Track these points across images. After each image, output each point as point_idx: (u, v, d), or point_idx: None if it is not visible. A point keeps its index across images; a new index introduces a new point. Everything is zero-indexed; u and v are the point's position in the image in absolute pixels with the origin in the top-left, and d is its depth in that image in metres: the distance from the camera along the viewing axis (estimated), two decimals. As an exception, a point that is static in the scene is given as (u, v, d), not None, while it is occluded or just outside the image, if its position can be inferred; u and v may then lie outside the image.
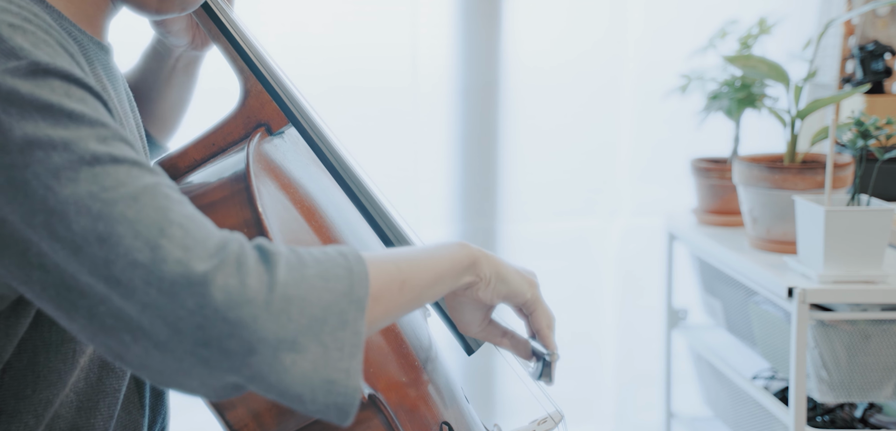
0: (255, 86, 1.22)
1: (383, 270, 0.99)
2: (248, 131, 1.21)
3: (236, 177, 1.09)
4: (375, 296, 0.97)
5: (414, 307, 1.04)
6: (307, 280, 0.92)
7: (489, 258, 1.11)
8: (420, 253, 1.06)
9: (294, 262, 0.93)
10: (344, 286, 0.94)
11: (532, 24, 2.55)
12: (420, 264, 1.04)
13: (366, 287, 0.95)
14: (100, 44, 1.10)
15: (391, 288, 0.99)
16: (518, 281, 1.13)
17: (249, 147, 1.13)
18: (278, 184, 1.15)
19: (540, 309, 1.15)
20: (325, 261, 0.94)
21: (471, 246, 1.10)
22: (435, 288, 1.05)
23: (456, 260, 1.08)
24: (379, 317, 0.99)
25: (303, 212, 1.16)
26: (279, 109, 1.22)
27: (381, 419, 1.07)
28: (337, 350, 0.91)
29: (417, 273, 1.03)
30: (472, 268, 1.09)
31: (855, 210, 1.82)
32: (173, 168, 1.19)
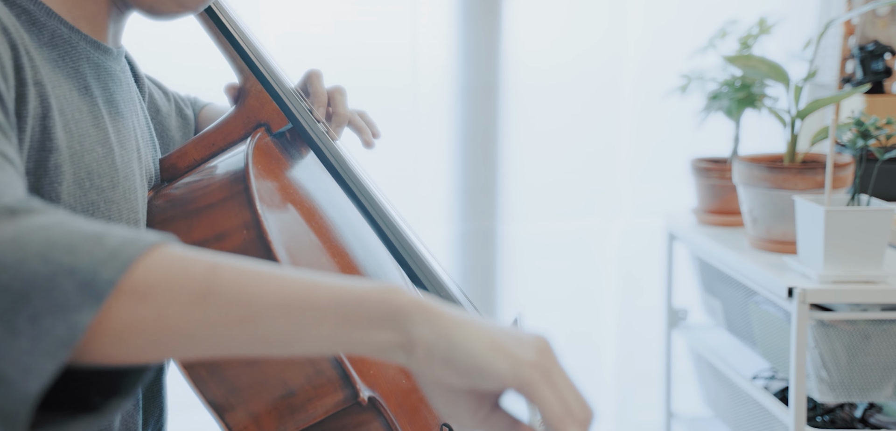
0: (255, 86, 1.22)
1: (178, 266, 0.73)
2: (248, 131, 1.21)
3: (236, 178, 1.08)
4: (139, 292, 0.71)
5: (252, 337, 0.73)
6: (20, 241, 0.71)
7: (433, 313, 0.74)
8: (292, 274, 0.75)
9: (29, 224, 0.72)
10: (78, 261, 0.70)
11: (532, 24, 2.55)
12: (268, 281, 0.74)
13: (117, 272, 0.70)
14: (97, 44, 1.10)
15: (178, 292, 0.72)
16: (482, 352, 0.73)
17: (249, 147, 1.12)
18: (278, 185, 1.15)
19: (544, 394, 0.74)
20: (81, 232, 0.72)
21: (405, 292, 0.75)
22: (296, 323, 0.73)
23: (357, 299, 0.73)
24: (146, 326, 0.71)
25: (303, 212, 1.16)
26: (279, 109, 1.22)
27: (381, 421, 1.06)
28: (29, 339, 0.69)
29: (249, 288, 0.73)
30: (391, 322, 0.73)
31: (855, 210, 1.82)
32: (173, 168, 1.19)
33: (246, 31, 1.25)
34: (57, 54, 1.04)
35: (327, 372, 1.04)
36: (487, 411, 0.77)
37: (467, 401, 0.76)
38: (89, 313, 0.69)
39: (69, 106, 1.03)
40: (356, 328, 0.73)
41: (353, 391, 1.04)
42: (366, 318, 0.73)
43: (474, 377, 0.74)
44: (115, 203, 1.06)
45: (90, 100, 1.07)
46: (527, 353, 0.74)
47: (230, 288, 0.73)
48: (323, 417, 1.05)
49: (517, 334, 0.75)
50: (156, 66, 2.24)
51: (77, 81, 1.06)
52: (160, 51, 2.17)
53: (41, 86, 0.98)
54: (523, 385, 0.73)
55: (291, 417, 1.05)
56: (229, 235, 1.05)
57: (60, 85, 1.02)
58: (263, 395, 1.04)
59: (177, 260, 0.73)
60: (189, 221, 1.08)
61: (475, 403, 0.76)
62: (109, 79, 1.12)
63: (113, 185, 1.06)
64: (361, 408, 1.05)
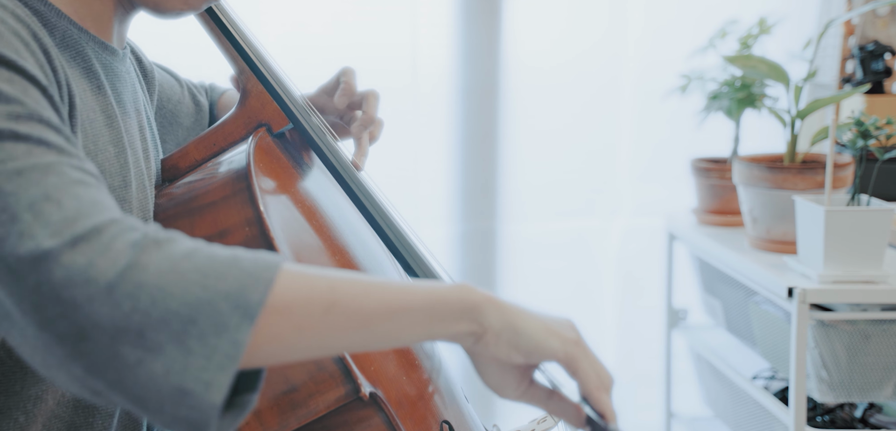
0: (256, 86, 1.22)
1: (305, 284, 0.84)
2: (248, 131, 1.21)
3: (238, 176, 1.09)
4: (281, 309, 0.82)
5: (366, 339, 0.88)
6: (179, 271, 0.80)
7: (500, 305, 0.90)
8: (386, 282, 0.89)
9: (177, 252, 0.82)
10: (229, 286, 0.81)
11: (532, 24, 2.55)
12: (374, 290, 0.87)
13: (263, 293, 0.82)
14: (104, 44, 1.10)
15: (310, 306, 0.84)
16: (541, 334, 0.91)
17: (251, 146, 1.13)
18: (279, 184, 1.15)
19: (585, 367, 0.92)
20: (221, 259, 0.83)
21: (475, 289, 0.90)
22: (397, 322, 0.87)
23: (441, 299, 0.89)
24: (289, 336, 0.83)
25: (303, 211, 1.16)
26: (280, 110, 1.22)
27: (381, 417, 1.07)
28: (203, 357, 0.79)
29: (362, 298, 0.86)
30: (469, 315, 0.89)
31: (855, 210, 1.82)
32: (174, 168, 1.20)
33: (246, 32, 1.25)
34: (69, 55, 1.05)
35: (329, 368, 1.04)
36: (528, 383, 0.95)
37: (514, 375, 0.94)
38: (247, 330, 0.80)
39: (85, 105, 1.03)
40: (442, 322, 0.88)
41: (355, 386, 1.05)
42: (450, 314, 0.88)
43: (534, 354, 0.91)
44: (128, 202, 1.07)
45: (104, 99, 1.07)
46: (570, 334, 0.92)
47: (349, 299, 0.85)
48: (324, 412, 1.05)
49: (558, 318, 0.93)
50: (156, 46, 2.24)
51: (91, 81, 1.06)
52: (160, 51, 2.17)
53: (69, 87, 0.99)
54: (570, 359, 0.92)
55: (293, 412, 1.05)
56: (232, 232, 1.05)
57: (76, 84, 1.03)
58: (265, 391, 1.04)
59: (302, 278, 0.84)
60: (191, 219, 1.08)
61: (520, 376, 0.94)
62: (117, 79, 1.12)
63: (125, 185, 1.07)
64: (363, 403, 1.05)
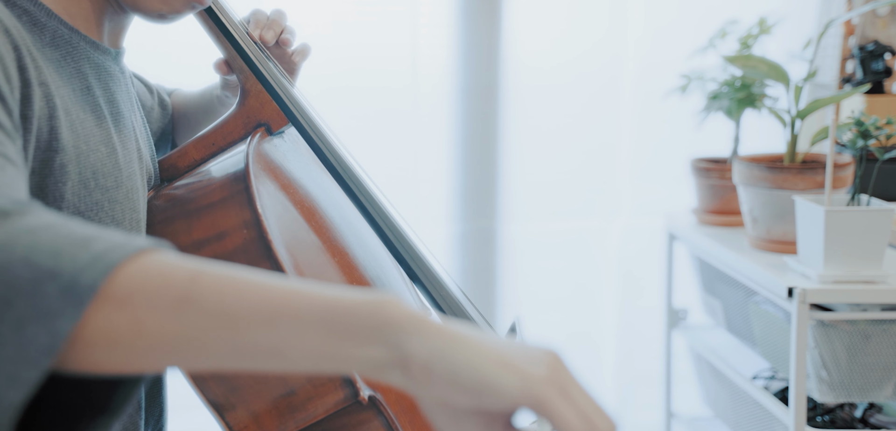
0: (255, 85, 1.22)
1: (159, 272, 0.69)
2: (247, 131, 1.21)
3: (236, 178, 1.08)
4: (118, 298, 0.68)
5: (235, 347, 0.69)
6: (8, 247, 0.68)
7: (429, 328, 0.68)
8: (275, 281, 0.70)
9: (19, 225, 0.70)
10: (63, 266, 0.67)
11: (532, 24, 2.55)
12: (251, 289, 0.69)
13: (98, 277, 0.67)
14: (95, 43, 1.10)
15: (157, 299, 0.68)
16: (487, 367, 0.67)
17: (249, 146, 1.13)
18: (278, 184, 1.15)
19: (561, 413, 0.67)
20: (72, 236, 0.69)
21: (400, 305, 0.68)
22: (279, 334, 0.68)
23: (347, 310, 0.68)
24: (123, 334, 0.68)
25: (303, 212, 1.16)
26: (279, 109, 1.22)
27: (381, 421, 1.07)
28: (14, 346, 0.66)
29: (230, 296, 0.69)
30: (382, 336, 0.67)
31: (855, 210, 1.82)
32: (173, 168, 1.20)
33: (245, 31, 1.25)
34: (59, 55, 1.05)
35: None
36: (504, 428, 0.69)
37: (475, 424, 0.68)
38: (70, 319, 0.66)
39: (73, 106, 1.03)
40: (344, 341, 0.67)
41: (354, 390, 1.05)
42: (355, 331, 0.67)
43: (481, 396, 0.67)
44: (119, 202, 1.06)
45: (92, 99, 1.07)
46: (537, 369, 0.67)
47: (210, 295, 0.68)
48: (323, 416, 1.05)
49: (525, 348, 0.69)
50: (156, 65, 2.24)
51: (79, 81, 1.06)
52: (160, 50, 2.17)
53: (46, 87, 0.99)
54: (537, 402, 0.67)
55: (292, 416, 1.05)
56: (230, 234, 1.05)
57: (64, 85, 1.03)
58: (264, 394, 1.04)
59: (159, 267, 0.69)
60: (189, 221, 1.08)
61: (484, 425, 0.69)
62: (109, 79, 1.12)
63: (116, 185, 1.07)
64: (362, 407, 1.05)
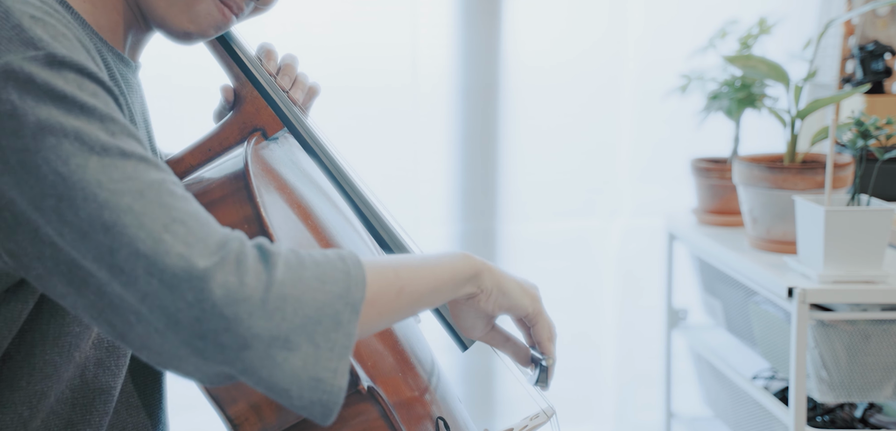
0: (251, 91, 1.23)
1: (381, 275, 1.01)
2: (243, 136, 1.22)
3: (236, 176, 1.10)
4: (371, 300, 0.99)
5: (412, 312, 1.06)
6: (304, 281, 0.94)
7: (492, 270, 1.12)
8: (421, 261, 1.07)
9: (293, 262, 0.95)
10: (340, 288, 0.96)
11: (532, 24, 2.55)
12: (420, 272, 1.06)
13: (362, 290, 0.97)
14: (120, 55, 1.12)
15: (388, 294, 1.02)
16: (519, 295, 1.15)
17: (248, 148, 1.14)
18: (275, 187, 1.16)
19: (541, 322, 1.17)
20: (323, 264, 0.97)
21: (474, 257, 1.11)
22: (434, 295, 1.07)
23: (457, 270, 1.09)
24: (373, 320, 1.01)
25: (300, 215, 1.17)
26: (274, 114, 1.23)
27: (379, 411, 1.08)
28: (328, 349, 0.94)
29: (416, 280, 1.04)
30: (473, 280, 1.10)
31: (855, 210, 1.82)
32: None
33: (239, 37, 1.26)
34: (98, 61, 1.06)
35: None
36: (491, 327, 1.19)
37: (484, 320, 1.17)
38: (355, 323, 0.96)
39: None
40: (457, 288, 1.09)
41: (353, 379, 1.06)
42: (463, 281, 1.09)
43: (512, 310, 1.15)
44: None
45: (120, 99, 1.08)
46: (536, 295, 1.16)
47: (411, 284, 1.04)
48: None
49: (529, 283, 1.16)
50: (155, 65, 2.24)
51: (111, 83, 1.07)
52: (160, 51, 2.17)
53: None
54: (535, 314, 1.16)
55: None
56: None
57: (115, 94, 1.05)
58: None
59: (377, 271, 1.01)
60: None
61: (487, 321, 1.18)
62: (129, 90, 1.14)
63: None
64: (361, 397, 1.07)
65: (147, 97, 1.41)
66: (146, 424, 1.18)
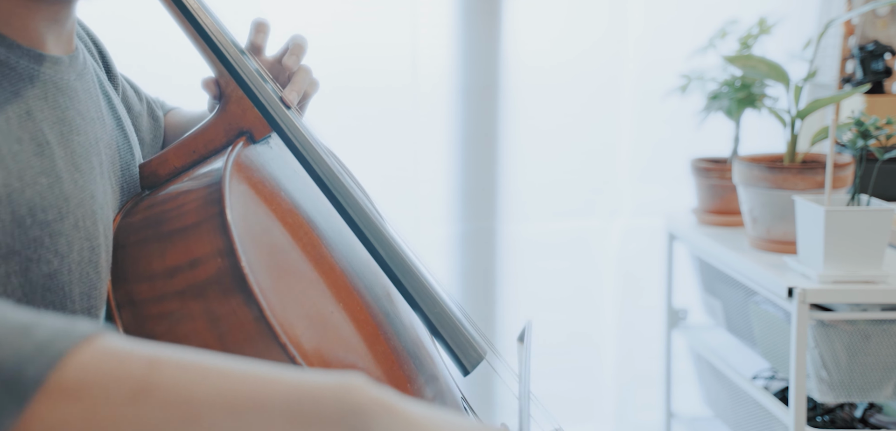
0: (236, 91, 1.15)
1: (114, 359, 0.66)
2: (229, 139, 1.14)
3: (210, 200, 1.01)
4: (68, 391, 0.64)
5: None
6: None
7: (397, 414, 0.66)
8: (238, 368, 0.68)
9: None
10: (3, 356, 0.64)
11: (532, 24, 2.55)
12: (212, 377, 0.67)
13: (44, 369, 0.64)
14: (40, 55, 1.00)
15: (113, 390, 0.65)
16: None
17: (228, 161, 1.05)
18: (261, 197, 1.08)
19: None
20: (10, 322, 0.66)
21: (367, 389, 0.67)
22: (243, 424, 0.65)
23: (313, 396, 0.66)
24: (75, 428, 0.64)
25: (287, 224, 1.10)
26: (261, 117, 1.15)
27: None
28: None
29: (192, 384, 0.66)
30: (348, 423, 0.66)
31: (855, 210, 1.82)
32: (154, 175, 1.14)
33: (227, 33, 1.17)
34: None
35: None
36: None
37: None
38: (11, 416, 0.62)
39: (6, 140, 0.92)
40: (309, 427, 0.65)
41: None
42: (320, 419, 0.65)
43: None
44: (64, 234, 0.96)
45: (32, 126, 0.96)
46: None
47: (170, 384, 0.65)
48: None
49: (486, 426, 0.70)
50: (156, 65, 2.25)
51: (15, 108, 0.95)
52: (160, 51, 2.17)
53: None
54: None
55: None
56: (203, 263, 0.98)
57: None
58: None
59: (112, 354, 0.66)
60: (162, 244, 1.01)
61: None
62: (59, 94, 1.01)
63: (61, 216, 0.96)
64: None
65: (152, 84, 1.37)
66: None
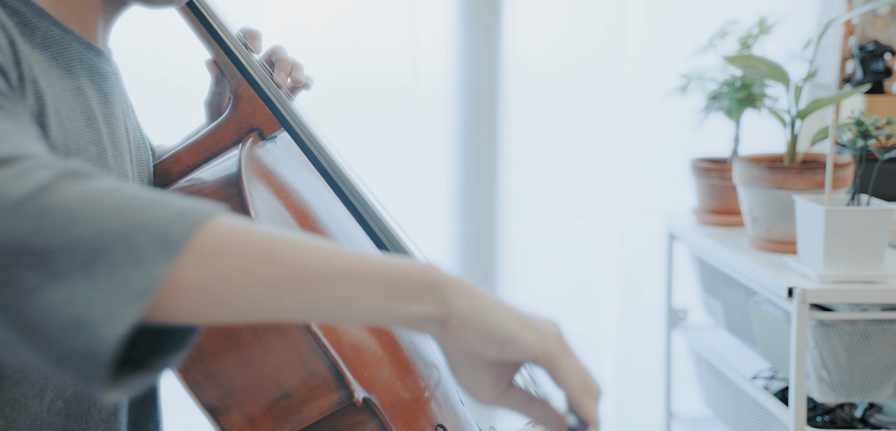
0: (247, 90, 1.21)
1: (241, 230, 0.77)
2: (240, 136, 1.21)
3: (229, 182, 1.08)
4: (207, 251, 0.75)
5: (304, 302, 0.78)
6: (98, 200, 0.75)
7: (471, 292, 0.80)
8: (342, 247, 0.80)
9: (98, 185, 0.76)
10: (151, 219, 0.74)
11: (532, 24, 2.55)
12: (322, 251, 0.78)
13: (187, 231, 0.75)
14: (89, 44, 1.09)
15: (242, 253, 0.76)
16: (512, 325, 0.81)
17: (242, 151, 1.12)
18: (271, 189, 1.14)
19: (565, 368, 0.83)
20: (148, 196, 0.77)
21: (443, 271, 0.80)
22: (343, 289, 0.78)
23: (399, 272, 0.79)
24: (212, 284, 0.75)
25: (296, 216, 1.16)
26: (271, 114, 1.22)
27: (375, 423, 1.07)
28: (111, 288, 0.73)
29: (305, 255, 0.77)
30: (431, 295, 0.79)
31: (855, 210, 1.82)
32: (166, 173, 1.19)
33: (235, 34, 1.24)
34: (49, 55, 1.03)
35: (322, 373, 1.04)
36: (505, 386, 0.84)
37: (489, 374, 0.83)
38: (164, 266, 0.73)
39: (63, 106, 1.02)
40: (399, 299, 0.78)
41: (348, 392, 1.05)
42: (409, 290, 0.78)
43: (505, 347, 0.80)
44: None
45: (83, 100, 1.06)
46: (549, 330, 0.82)
47: (289, 253, 0.77)
48: (318, 418, 1.05)
49: (537, 314, 0.83)
50: (157, 65, 2.25)
51: (70, 82, 1.05)
52: (160, 50, 2.18)
53: (36, 85, 0.98)
54: (549, 357, 0.81)
55: (286, 419, 1.05)
56: None
57: (54, 85, 1.02)
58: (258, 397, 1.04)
59: (238, 226, 0.77)
60: None
61: (496, 376, 0.83)
62: (102, 80, 1.11)
63: None
64: (356, 409, 1.05)
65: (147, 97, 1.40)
66: (140, 425, 1.17)
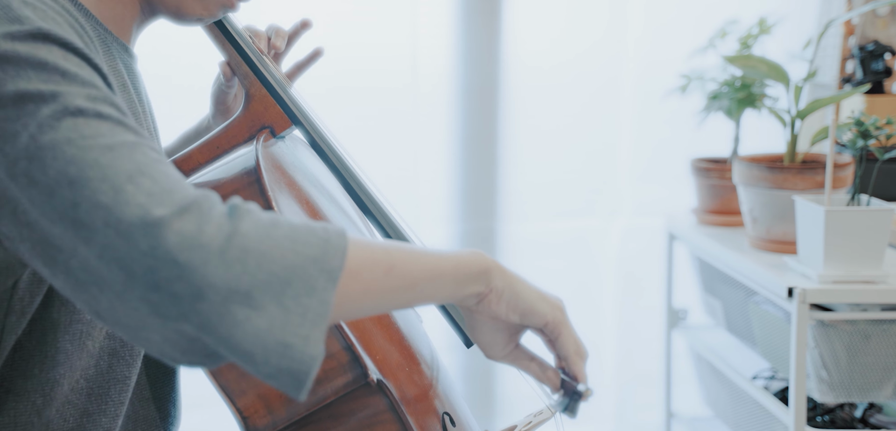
0: (260, 90, 1.25)
1: (368, 250, 0.95)
2: (252, 134, 1.25)
3: (248, 171, 1.12)
4: (353, 272, 0.93)
5: (409, 299, 1.00)
6: (273, 238, 0.90)
7: (505, 272, 1.05)
8: (422, 249, 1.02)
9: (264, 220, 0.91)
10: (315, 252, 0.91)
11: (532, 24, 2.55)
12: (417, 256, 1.00)
13: (341, 259, 0.91)
14: (125, 46, 1.15)
15: (374, 270, 0.95)
16: (534, 299, 1.06)
17: (258, 145, 1.16)
18: (285, 184, 1.18)
19: (565, 335, 1.08)
20: (300, 228, 0.92)
21: (487, 256, 1.05)
22: (433, 285, 1.00)
23: (463, 263, 1.03)
24: (358, 296, 0.94)
25: (307, 210, 1.19)
26: (283, 112, 1.26)
27: (387, 403, 1.10)
28: (299, 314, 0.89)
29: (410, 262, 0.98)
30: (482, 278, 1.04)
31: (855, 210, 1.82)
32: (179, 171, 1.21)
33: (248, 37, 1.28)
34: (101, 52, 1.09)
35: (337, 354, 1.07)
36: (513, 346, 1.11)
37: (504, 335, 1.09)
38: (331, 292, 0.90)
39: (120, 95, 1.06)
40: (465, 285, 1.03)
41: (363, 371, 1.07)
42: (470, 277, 1.03)
43: (527, 316, 1.06)
44: None
45: (128, 96, 1.12)
46: (558, 304, 1.08)
47: (403, 264, 0.97)
48: (332, 398, 1.08)
49: (551, 294, 1.09)
50: (157, 65, 2.25)
51: (117, 78, 1.11)
52: (160, 51, 2.17)
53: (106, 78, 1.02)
54: (556, 324, 1.08)
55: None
56: None
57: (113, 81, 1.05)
58: None
59: (363, 246, 0.95)
60: None
61: (508, 337, 1.10)
62: (136, 79, 1.17)
63: None
64: (370, 389, 1.08)
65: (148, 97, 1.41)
66: (155, 418, 1.19)
